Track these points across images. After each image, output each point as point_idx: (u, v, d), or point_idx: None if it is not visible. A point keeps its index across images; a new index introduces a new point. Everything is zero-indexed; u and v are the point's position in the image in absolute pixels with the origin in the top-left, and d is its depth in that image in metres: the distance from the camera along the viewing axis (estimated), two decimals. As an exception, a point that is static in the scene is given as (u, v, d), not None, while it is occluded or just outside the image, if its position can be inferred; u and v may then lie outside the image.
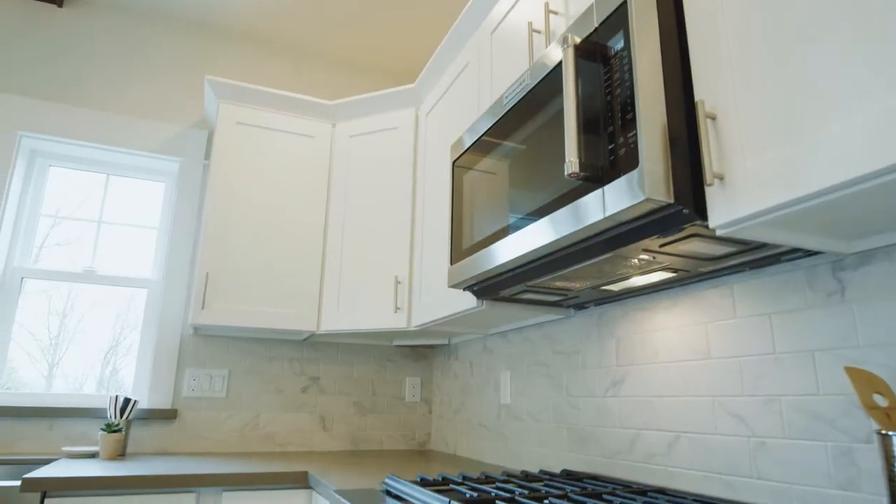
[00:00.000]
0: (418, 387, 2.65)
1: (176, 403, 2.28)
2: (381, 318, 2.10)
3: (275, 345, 2.47)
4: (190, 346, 2.35)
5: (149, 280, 2.46)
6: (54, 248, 2.41)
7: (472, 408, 2.25)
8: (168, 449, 2.23)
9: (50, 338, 2.33)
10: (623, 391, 1.47)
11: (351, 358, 2.58)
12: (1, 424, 2.06)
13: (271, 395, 2.41)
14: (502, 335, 2.09)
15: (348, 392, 2.54)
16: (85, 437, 2.15)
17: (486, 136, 1.43)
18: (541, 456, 1.78)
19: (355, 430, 2.51)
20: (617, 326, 1.53)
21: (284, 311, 2.18)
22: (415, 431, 2.60)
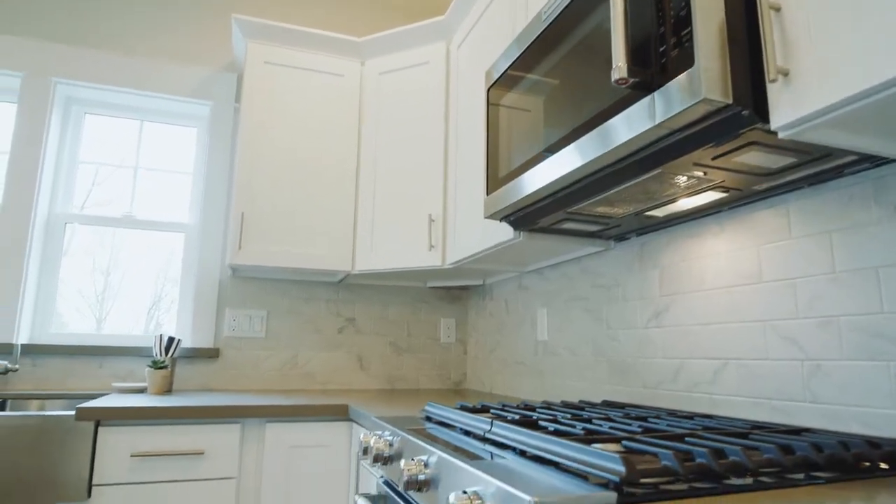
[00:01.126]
0: (453, 328, 2.66)
1: (217, 343, 2.34)
2: (414, 257, 2.09)
3: (311, 286, 2.49)
4: (229, 288, 2.39)
5: (186, 224, 2.49)
6: (94, 196, 2.45)
7: (508, 346, 2.25)
8: (211, 386, 2.30)
9: (96, 294, 2.40)
10: (666, 321, 1.43)
11: (386, 299, 2.59)
12: (54, 363, 2.15)
13: (309, 335, 2.45)
14: (538, 272, 2.06)
15: (384, 333, 2.56)
16: (133, 375, 2.23)
17: (523, 57, 1.36)
18: (579, 390, 1.77)
19: (392, 370, 2.54)
20: (660, 256, 1.48)
21: (319, 252, 2.18)
22: (450, 371, 2.63)
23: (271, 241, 2.13)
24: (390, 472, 1.15)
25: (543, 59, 1.27)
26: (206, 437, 1.66)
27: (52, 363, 2.15)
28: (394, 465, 1.13)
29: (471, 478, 0.76)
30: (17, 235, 2.19)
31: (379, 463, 1.14)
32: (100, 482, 1.56)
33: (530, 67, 1.33)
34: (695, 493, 0.67)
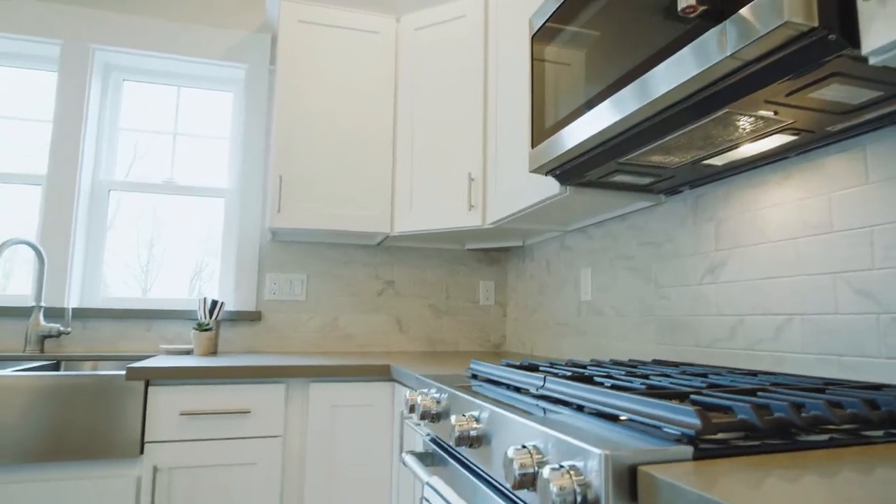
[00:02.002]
0: (492, 290, 2.62)
1: (259, 306, 2.36)
2: (454, 217, 2.04)
3: (350, 249, 2.48)
4: (269, 252, 2.40)
5: (225, 190, 2.50)
6: (136, 164, 2.47)
7: (550, 307, 2.20)
8: (255, 348, 2.33)
9: (140, 262, 2.44)
10: (723, 276, 1.36)
11: (424, 262, 2.57)
12: (104, 326, 2.20)
13: (348, 298, 2.46)
14: (582, 231, 1.99)
15: (423, 295, 2.55)
16: (179, 338, 2.27)
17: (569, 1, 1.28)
18: (624, 350, 1.72)
19: (431, 332, 2.53)
20: (717, 208, 1.40)
21: (357, 214, 2.16)
22: (490, 333, 2.60)
23: (310, 203, 2.12)
24: (438, 429, 1.13)
25: (592, 1, 1.18)
26: (251, 396, 1.68)
27: (102, 326, 2.20)
28: (441, 422, 1.11)
29: (528, 432, 0.73)
30: (64, 203, 2.23)
31: (426, 420, 1.13)
32: (151, 439, 1.60)
33: (577, 11, 1.24)
34: (771, 448, 0.62)
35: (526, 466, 0.67)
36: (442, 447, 1.14)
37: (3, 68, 2.36)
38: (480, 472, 0.93)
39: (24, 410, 1.51)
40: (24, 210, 2.31)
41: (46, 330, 2.07)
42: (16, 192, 2.31)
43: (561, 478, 0.58)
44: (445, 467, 1.08)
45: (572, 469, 0.59)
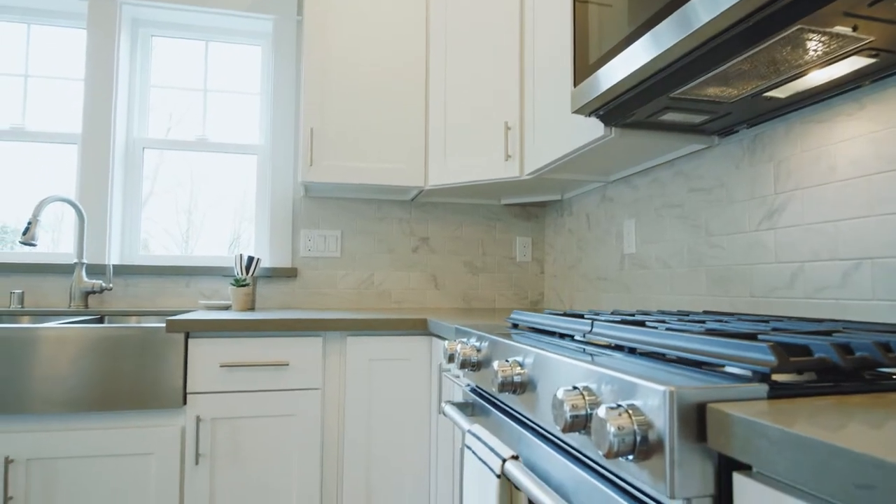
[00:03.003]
0: (529, 246, 2.56)
1: (295, 263, 2.36)
2: (491, 169, 1.97)
3: (384, 205, 2.44)
4: (302, 209, 2.38)
5: (257, 146, 2.47)
6: (168, 122, 2.46)
7: (590, 262, 2.13)
8: (291, 305, 2.34)
9: (178, 224, 2.45)
10: (782, 221, 1.27)
11: (459, 218, 2.51)
12: (144, 282, 2.24)
13: (383, 255, 2.43)
14: (625, 181, 1.90)
15: (458, 252, 2.50)
16: (217, 294, 2.29)
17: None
18: (671, 303, 1.65)
19: (467, 289, 2.50)
20: (777, 148, 1.29)
21: (390, 167, 2.11)
22: (527, 290, 2.55)
23: (342, 157, 2.07)
24: (479, 378, 1.09)
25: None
26: (289, 349, 1.68)
27: (143, 283, 2.24)
28: (482, 371, 1.08)
29: (578, 373, 0.68)
30: (100, 161, 2.24)
31: (466, 369, 1.09)
32: (193, 390, 1.62)
33: (628, -73, 1.14)
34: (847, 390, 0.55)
35: (577, 408, 0.62)
36: (482, 396, 1.11)
37: (34, 26, 2.36)
38: (524, 419, 0.90)
39: (72, 361, 1.54)
40: (64, 169, 2.34)
41: (89, 286, 2.11)
42: (54, 152, 2.34)
43: (619, 417, 0.53)
44: (487, 416, 1.04)
45: (631, 408, 0.54)
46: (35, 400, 1.52)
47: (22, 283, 2.15)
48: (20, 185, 2.31)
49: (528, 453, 0.84)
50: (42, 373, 1.53)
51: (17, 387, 1.51)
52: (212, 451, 1.62)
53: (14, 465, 1.52)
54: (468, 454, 0.92)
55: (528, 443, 0.84)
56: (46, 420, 1.55)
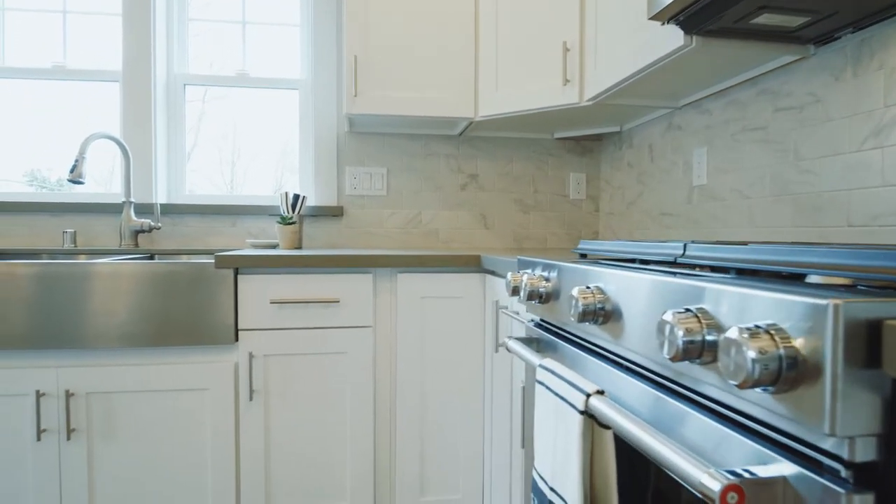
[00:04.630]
0: (583, 183, 2.42)
1: (341, 201, 2.29)
2: (547, 96, 1.83)
3: (430, 140, 2.33)
4: (347, 145, 2.29)
5: (298, 80, 2.38)
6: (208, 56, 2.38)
7: (652, 197, 1.99)
8: (337, 244, 2.29)
9: (223, 162, 2.40)
10: (893, 138, 1.11)
11: (509, 154, 2.38)
12: (192, 222, 2.22)
13: (431, 193, 2.34)
14: (696, 106, 1.73)
15: (508, 189, 2.39)
16: (264, 233, 2.26)
17: None
18: (750, 236, 1.51)
19: (517, 228, 2.39)
20: (889, 53, 1.12)
21: (439, 97, 1.98)
22: (581, 229, 2.43)
23: (387, 86, 1.96)
24: (547, 311, 1.01)
25: None
26: (339, 286, 1.63)
27: (190, 222, 2.22)
28: (551, 303, 0.99)
29: (685, 294, 0.58)
30: (142, 98, 2.19)
31: (534, 301, 1.00)
32: (244, 327, 1.59)
33: None
34: None
35: (692, 332, 0.52)
36: (551, 330, 1.03)
37: (71, -42, 2.28)
38: (605, 352, 0.81)
39: (126, 297, 1.53)
40: (108, 108, 2.30)
41: (138, 225, 2.10)
42: (97, 90, 2.30)
43: (759, 339, 0.43)
44: (556, 351, 0.96)
45: (774, 329, 0.44)
46: (93, 335, 1.52)
47: (74, 223, 2.16)
48: (67, 125, 2.29)
49: (612, 389, 0.75)
50: (98, 308, 1.52)
51: (75, 322, 1.52)
52: (265, 388, 1.61)
53: (74, 398, 1.54)
54: (541, 390, 0.85)
55: (612, 377, 0.75)
56: (104, 355, 1.56)
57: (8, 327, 1.50)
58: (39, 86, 2.26)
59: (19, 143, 2.26)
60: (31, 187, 2.29)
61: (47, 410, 1.54)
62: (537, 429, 0.87)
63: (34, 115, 2.27)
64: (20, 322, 1.50)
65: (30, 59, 2.25)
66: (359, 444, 1.66)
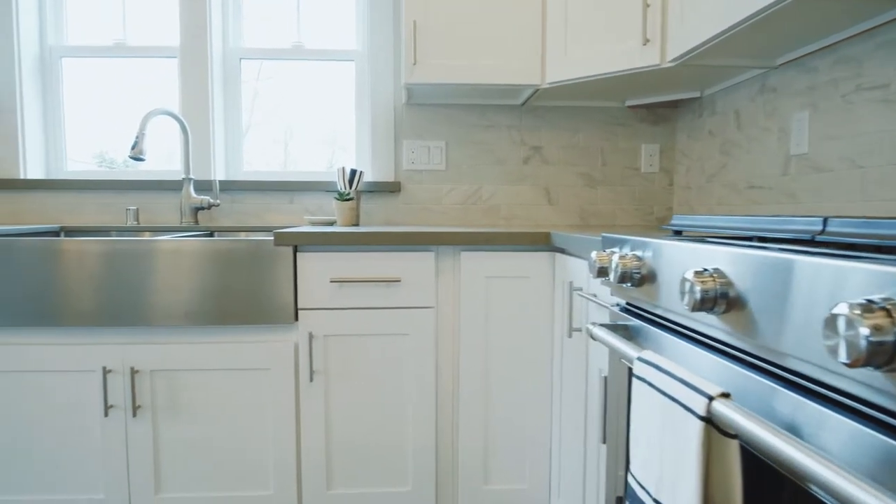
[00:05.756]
0: (656, 154, 2.25)
1: (398, 176, 2.21)
2: (623, 57, 1.67)
3: (491, 111, 2.21)
4: (404, 118, 2.20)
5: (354, 51, 2.29)
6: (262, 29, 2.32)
7: (738, 168, 1.81)
8: (396, 220, 2.22)
9: (280, 161, 2.35)
10: None
11: (576, 124, 2.23)
12: (249, 199, 2.19)
13: (491, 167, 2.22)
14: (797, 64, 1.54)
15: (574, 162, 2.24)
16: (321, 210, 2.21)
17: None
18: (862, 212, 1.33)
19: (584, 204, 2.25)
20: None
21: (502, 63, 1.85)
22: (653, 205, 2.26)
23: (448, 53, 1.84)
24: (643, 295, 0.89)
25: None
26: (400, 264, 1.55)
27: (248, 199, 2.19)
28: (647, 286, 0.87)
29: (869, 281, 0.46)
30: (199, 74, 2.16)
31: (626, 284, 0.89)
32: (304, 306, 1.54)
33: None
34: None
35: (882, 331, 0.40)
36: (645, 317, 0.91)
37: (128, -68, 2.25)
38: (723, 346, 0.69)
39: (188, 274, 1.51)
40: (169, 85, 2.29)
41: (198, 202, 2.09)
42: (157, 67, 2.28)
43: None
44: (651, 341, 0.85)
45: None
46: (156, 313, 1.51)
47: (136, 200, 2.17)
48: (131, 104, 2.29)
49: (736, 391, 0.64)
50: (161, 286, 1.50)
51: (139, 299, 1.50)
52: (325, 369, 1.56)
53: (139, 375, 1.54)
54: (641, 387, 0.74)
55: (736, 377, 0.63)
56: (167, 332, 1.54)
57: (77, 304, 1.50)
58: (102, 64, 2.26)
59: (86, 122, 2.28)
60: (100, 167, 2.31)
61: (114, 387, 1.54)
62: (635, 430, 0.76)
63: (99, 93, 2.28)
64: (88, 299, 1.50)
65: (92, 38, 2.25)
66: (420, 429, 1.59)
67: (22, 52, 2.12)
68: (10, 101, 2.10)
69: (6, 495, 1.56)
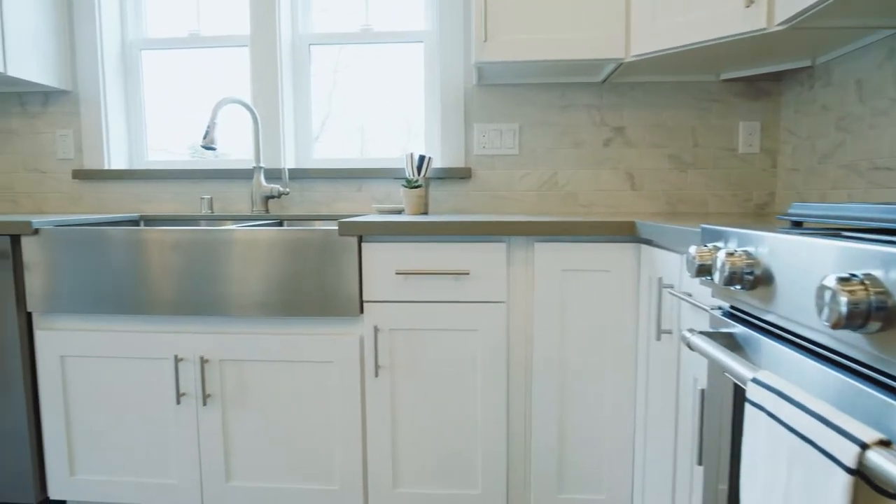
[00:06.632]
0: (756, 133, 2.01)
1: (468, 162, 2.10)
2: (722, 22, 1.47)
3: (568, 90, 2.05)
4: (475, 99, 2.09)
5: (423, 32, 2.20)
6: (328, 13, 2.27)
7: (861, 147, 1.57)
8: (466, 208, 2.12)
9: (349, 148, 2.30)
10: None
11: (663, 101, 2.03)
12: (318, 187, 2.16)
13: (568, 150, 2.07)
14: (941, 20, 1.29)
15: (661, 144, 2.05)
16: (389, 198, 2.15)
17: None
18: None
19: (671, 189, 2.06)
20: None
21: (582, 36, 1.70)
22: (751, 190, 2.03)
23: (522, 28, 1.71)
24: (758, 301, 0.74)
25: None
26: (469, 256, 1.46)
27: (317, 187, 2.16)
28: (761, 290, 0.72)
29: None
30: (268, 61, 2.14)
31: (736, 286, 0.75)
32: (369, 299, 1.48)
33: None
34: None
35: None
36: (761, 328, 0.76)
37: (201, -79, 2.26)
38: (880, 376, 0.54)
39: (254, 264, 1.48)
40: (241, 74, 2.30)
41: (268, 191, 2.08)
42: (230, 56, 2.29)
43: None
44: (767, 358, 0.70)
45: None
46: (225, 302, 1.50)
47: (210, 189, 2.20)
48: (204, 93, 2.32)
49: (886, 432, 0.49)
50: (230, 275, 1.49)
51: (209, 289, 1.50)
52: (391, 364, 1.50)
53: (209, 364, 1.54)
54: (758, 416, 0.60)
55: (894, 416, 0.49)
56: (235, 322, 1.53)
57: (153, 293, 1.51)
58: (177, 56, 2.30)
59: (163, 113, 2.33)
60: (193, 157, 2.35)
61: (185, 375, 1.55)
62: (748, 468, 0.62)
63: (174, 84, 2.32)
64: (163, 288, 1.51)
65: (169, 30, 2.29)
66: (490, 431, 1.50)
67: (105, 47, 2.18)
68: (95, 94, 2.18)
69: (89, 475, 1.61)
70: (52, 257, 1.53)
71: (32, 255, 1.54)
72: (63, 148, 2.21)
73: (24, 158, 2.23)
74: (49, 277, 1.53)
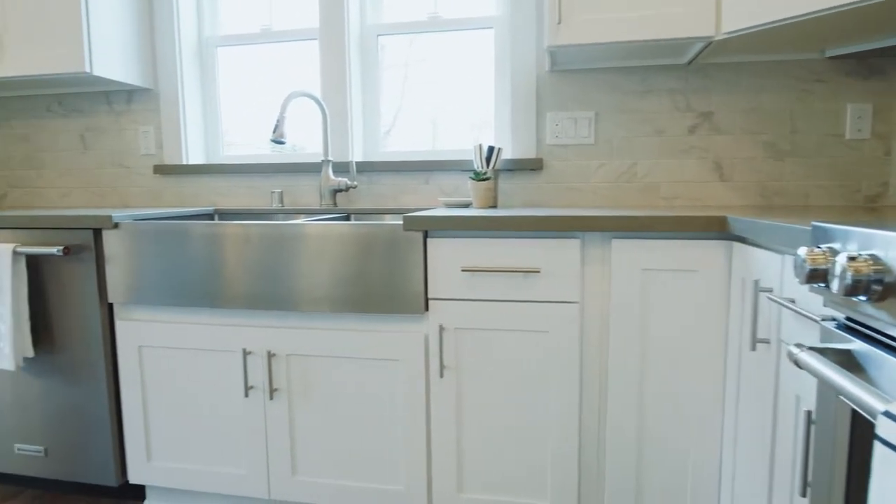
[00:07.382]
0: (867, 117, 1.78)
1: (540, 152, 2.01)
2: (832, -9, 1.30)
3: (648, 73, 1.90)
4: (547, 86, 1.98)
5: (493, 17, 2.11)
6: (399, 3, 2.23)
7: None
8: (537, 201, 2.02)
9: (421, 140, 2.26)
10: None
11: (758, 83, 1.84)
12: (386, 180, 2.13)
13: (648, 139, 1.93)
14: None
15: (754, 130, 1.86)
16: (457, 191, 2.09)
17: None
18: None
19: (765, 180, 1.87)
20: None
21: (665, 13, 1.56)
22: (860, 181, 1.81)
23: (597, 8, 1.59)
24: (882, 313, 0.62)
25: None
26: (539, 252, 1.37)
27: (384, 180, 2.13)
28: (890, 301, 0.60)
29: None
30: (337, 53, 2.13)
31: (860, 297, 0.63)
32: (434, 296, 1.43)
33: None
34: None
35: None
36: (884, 344, 0.64)
37: (273, -84, 2.28)
38: None
39: (319, 259, 1.47)
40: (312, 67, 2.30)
41: (336, 184, 2.08)
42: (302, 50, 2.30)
43: None
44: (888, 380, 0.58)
45: None
46: (292, 297, 1.49)
47: (280, 183, 2.22)
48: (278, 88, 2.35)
49: None
50: (296, 269, 1.48)
51: (277, 283, 1.50)
52: (456, 364, 1.44)
53: (276, 358, 1.54)
54: (892, 459, 0.49)
55: None
56: (301, 317, 1.53)
57: (225, 286, 1.53)
58: (250, 51, 2.34)
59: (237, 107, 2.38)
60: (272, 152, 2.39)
61: (253, 369, 1.56)
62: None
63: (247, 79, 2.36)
64: (234, 281, 1.52)
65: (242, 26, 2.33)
66: (561, 439, 1.41)
67: (182, 45, 2.25)
68: (174, 91, 2.25)
69: (164, 461, 1.67)
70: (130, 250, 1.58)
71: (113, 248, 1.59)
72: (145, 144, 2.30)
73: (111, 154, 2.35)
74: (128, 269, 1.59)
